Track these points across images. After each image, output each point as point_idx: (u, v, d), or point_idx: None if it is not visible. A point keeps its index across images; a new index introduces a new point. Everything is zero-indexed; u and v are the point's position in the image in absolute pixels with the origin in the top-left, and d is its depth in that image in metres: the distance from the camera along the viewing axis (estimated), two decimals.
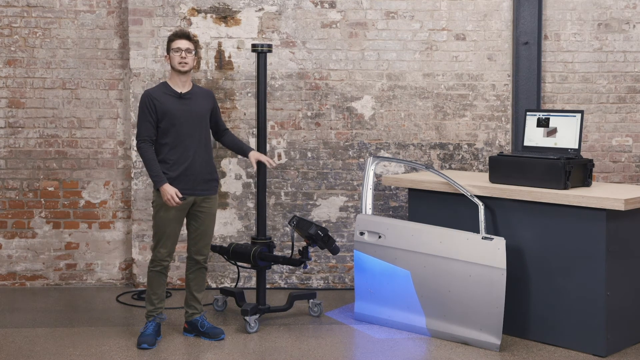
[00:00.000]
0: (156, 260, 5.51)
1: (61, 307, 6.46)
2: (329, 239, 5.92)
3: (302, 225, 5.91)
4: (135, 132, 6.86)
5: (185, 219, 5.59)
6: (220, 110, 6.88)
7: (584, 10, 6.94)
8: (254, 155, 5.79)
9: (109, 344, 5.50)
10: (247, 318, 5.73)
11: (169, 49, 5.48)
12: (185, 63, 5.42)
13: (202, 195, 5.52)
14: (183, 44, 5.44)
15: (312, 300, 6.19)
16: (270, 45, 6.05)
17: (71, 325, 5.95)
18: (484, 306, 5.39)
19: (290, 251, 6.36)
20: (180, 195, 5.33)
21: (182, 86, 5.50)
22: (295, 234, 6.11)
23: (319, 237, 5.86)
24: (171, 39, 5.49)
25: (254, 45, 6.02)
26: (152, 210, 5.57)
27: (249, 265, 6.09)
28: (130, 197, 7.01)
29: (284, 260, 6.02)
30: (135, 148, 6.61)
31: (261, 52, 6.00)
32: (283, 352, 5.35)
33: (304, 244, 5.99)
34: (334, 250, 5.99)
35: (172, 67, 5.48)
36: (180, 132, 5.42)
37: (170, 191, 5.31)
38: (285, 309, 6.13)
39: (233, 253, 6.10)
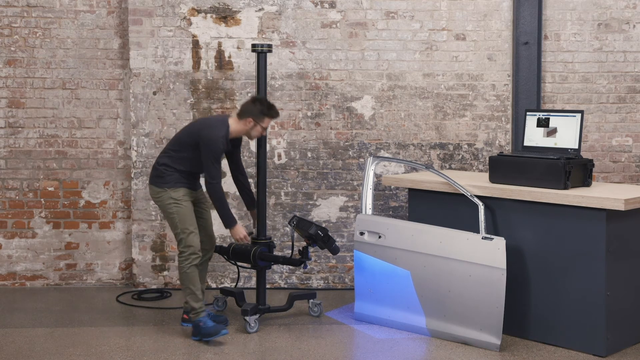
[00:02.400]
0: (194, 251, 5.58)
1: (61, 307, 6.46)
2: (329, 239, 5.92)
3: (302, 225, 5.91)
4: (135, 131, 6.88)
5: None
6: (221, 110, 6.91)
7: (584, 10, 6.94)
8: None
9: (109, 344, 5.49)
10: (247, 318, 5.73)
11: (258, 118, 5.55)
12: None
13: (197, 189, 5.82)
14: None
15: (312, 300, 6.19)
16: (270, 45, 6.03)
17: (71, 325, 5.95)
18: (484, 306, 5.39)
19: (289, 251, 6.35)
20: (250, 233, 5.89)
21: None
22: (295, 234, 6.11)
23: (319, 237, 5.87)
24: (266, 113, 5.57)
25: (254, 45, 6.00)
26: (168, 208, 5.59)
27: (249, 265, 6.08)
28: (130, 197, 7.01)
29: (284, 260, 6.02)
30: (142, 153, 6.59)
31: (261, 52, 5.96)
32: (283, 352, 5.35)
33: (304, 244, 5.99)
34: (334, 250, 5.99)
35: (247, 132, 5.62)
36: None
37: (243, 231, 5.73)
38: (285, 309, 6.13)
39: (233, 253, 6.08)
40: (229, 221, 5.66)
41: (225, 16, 6.90)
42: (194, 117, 6.88)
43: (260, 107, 5.57)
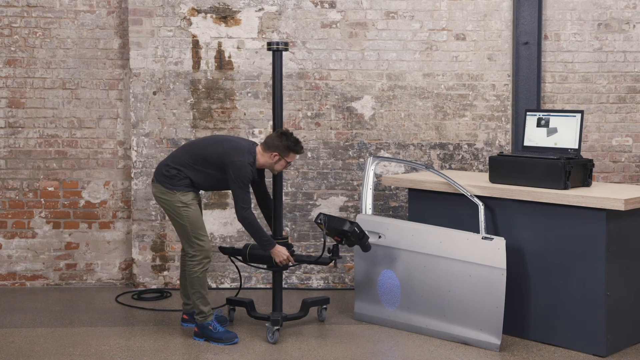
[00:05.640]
0: (207, 255, 5.53)
1: (61, 307, 6.46)
2: (364, 235, 5.61)
3: (333, 222, 5.59)
4: (135, 131, 6.88)
5: None
6: (221, 110, 6.91)
7: (584, 10, 6.94)
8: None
9: (109, 344, 5.50)
10: (272, 327, 5.56)
11: (284, 153, 5.48)
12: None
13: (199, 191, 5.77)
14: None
15: (323, 306, 6.04)
16: (286, 44, 5.82)
17: (71, 325, 5.95)
18: (484, 306, 5.39)
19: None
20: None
21: None
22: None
23: (355, 233, 5.55)
24: (292, 149, 5.51)
25: (269, 44, 5.78)
26: (176, 210, 5.48)
27: (265, 267, 5.82)
28: (130, 197, 7.01)
29: (314, 261, 5.76)
30: (135, 151, 6.59)
31: (277, 50, 5.77)
32: (283, 352, 5.35)
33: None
34: (367, 247, 5.67)
35: (270, 165, 5.54)
36: None
37: (285, 251, 5.59)
38: (301, 317, 5.92)
39: (251, 255, 5.77)
40: (268, 245, 5.55)
41: (225, 16, 6.90)
42: (194, 117, 6.88)
43: (287, 143, 5.48)
